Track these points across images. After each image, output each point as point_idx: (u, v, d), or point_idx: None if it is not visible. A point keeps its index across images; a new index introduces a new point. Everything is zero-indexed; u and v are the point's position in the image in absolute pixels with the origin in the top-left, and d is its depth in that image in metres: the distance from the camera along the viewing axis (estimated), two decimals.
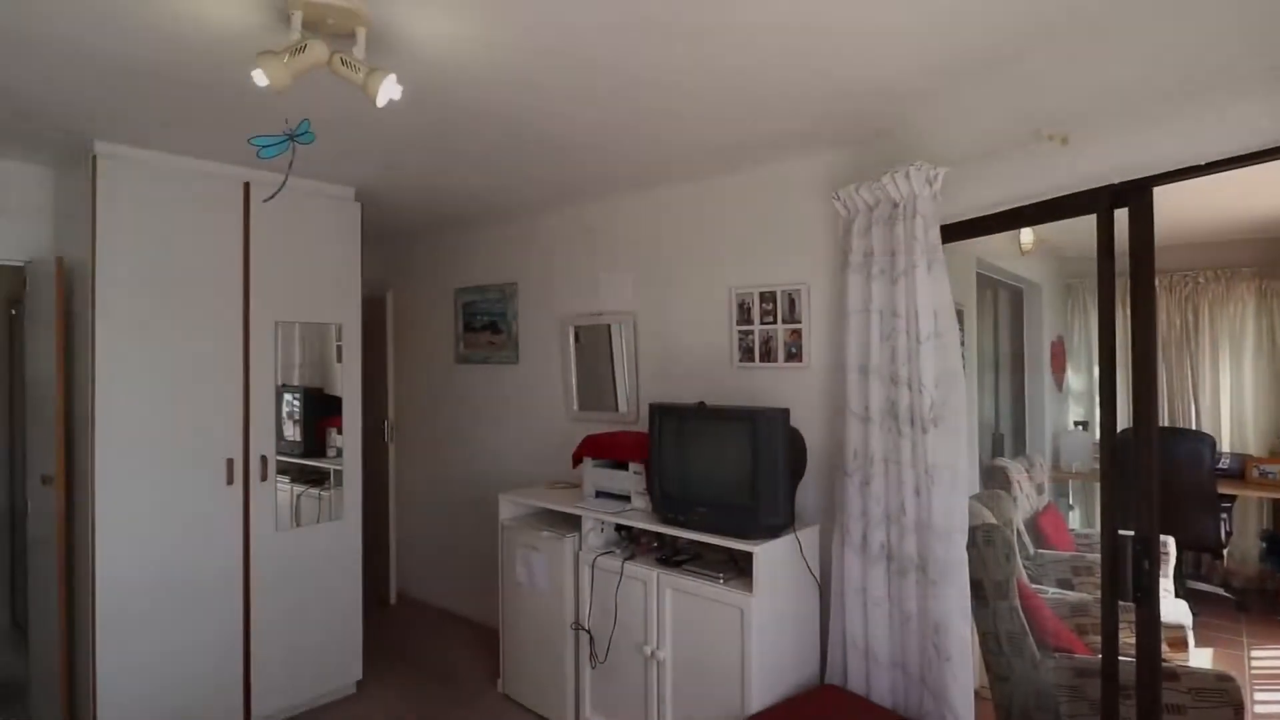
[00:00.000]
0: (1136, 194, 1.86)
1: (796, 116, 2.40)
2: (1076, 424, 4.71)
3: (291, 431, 3.24)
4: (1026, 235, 3.56)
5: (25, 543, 3.22)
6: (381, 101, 1.74)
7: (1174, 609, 3.21)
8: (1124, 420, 1.91)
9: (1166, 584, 3.49)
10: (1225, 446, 4.43)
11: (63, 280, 2.76)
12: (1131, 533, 1.86)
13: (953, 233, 2.36)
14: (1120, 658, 1.92)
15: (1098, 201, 1.94)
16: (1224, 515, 4.09)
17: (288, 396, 3.20)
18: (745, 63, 1.99)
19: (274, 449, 3.10)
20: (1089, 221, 1.97)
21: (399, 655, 3.80)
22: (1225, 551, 4.22)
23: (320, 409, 3.39)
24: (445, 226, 4.34)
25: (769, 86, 2.15)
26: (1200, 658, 3.40)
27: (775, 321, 2.88)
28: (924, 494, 2.27)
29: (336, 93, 1.96)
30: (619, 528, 2.93)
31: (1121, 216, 1.90)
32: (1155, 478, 1.83)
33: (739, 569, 2.53)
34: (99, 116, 2.40)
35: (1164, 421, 4.56)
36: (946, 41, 1.88)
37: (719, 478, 2.57)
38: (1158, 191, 1.84)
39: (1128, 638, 1.89)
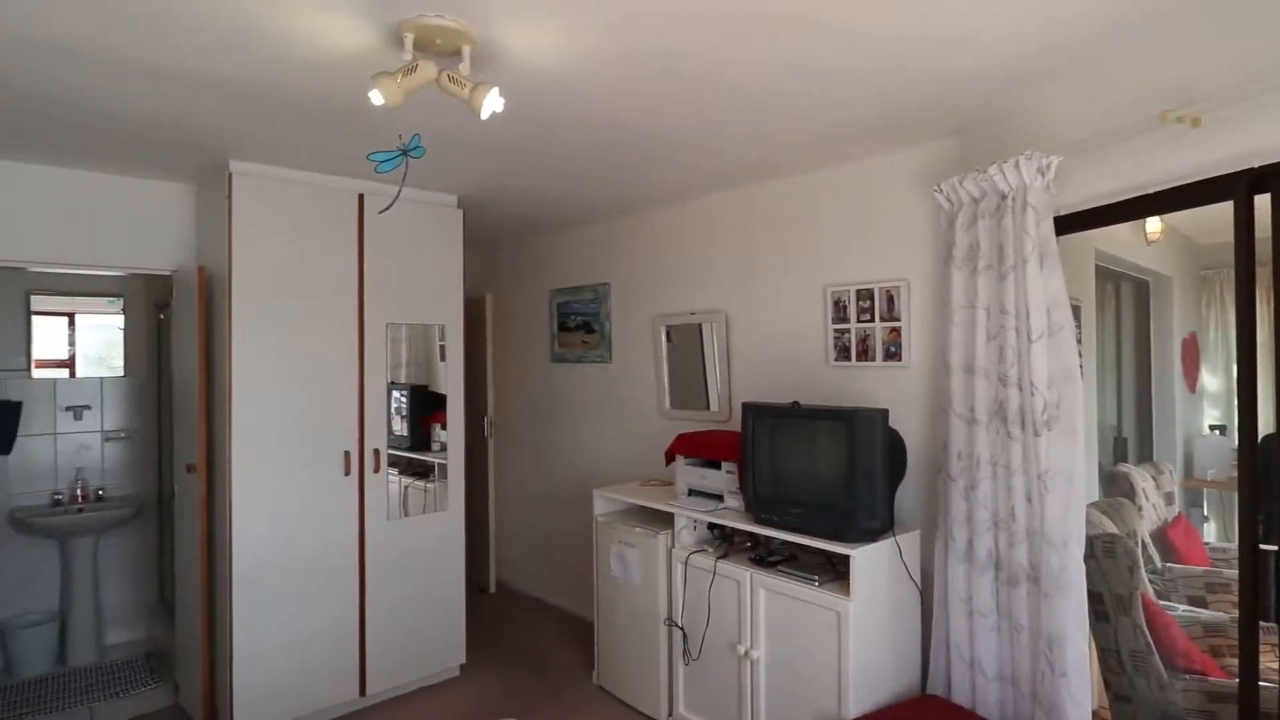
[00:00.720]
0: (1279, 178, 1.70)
1: (895, 108, 2.33)
2: (1212, 428, 4.32)
3: (399, 426, 3.44)
4: (1153, 224, 3.30)
5: (173, 526, 3.58)
6: (485, 114, 1.82)
7: None
8: (1267, 424, 1.75)
9: None
10: None
11: (204, 287, 3.05)
12: (1275, 547, 1.70)
13: (1068, 224, 2.23)
14: (1261, 683, 1.76)
15: (1235, 187, 1.78)
16: None
17: (395, 393, 3.40)
18: (840, 55, 1.95)
19: (385, 443, 3.30)
20: (1225, 207, 1.82)
21: (499, 642, 3.95)
22: None
23: (425, 405, 3.58)
24: (541, 229, 4.47)
25: (866, 78, 2.09)
26: None
27: (873, 319, 2.81)
28: (1036, 500, 2.16)
29: (441, 107, 2.06)
30: (712, 526, 2.94)
31: (1262, 202, 1.74)
32: None
33: (835, 572, 2.49)
34: (234, 138, 2.63)
35: None
36: (1060, 16, 1.78)
37: (814, 478, 2.54)
38: None
39: (1270, 661, 1.73)
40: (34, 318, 3.94)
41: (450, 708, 3.23)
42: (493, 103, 1.81)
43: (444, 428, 3.55)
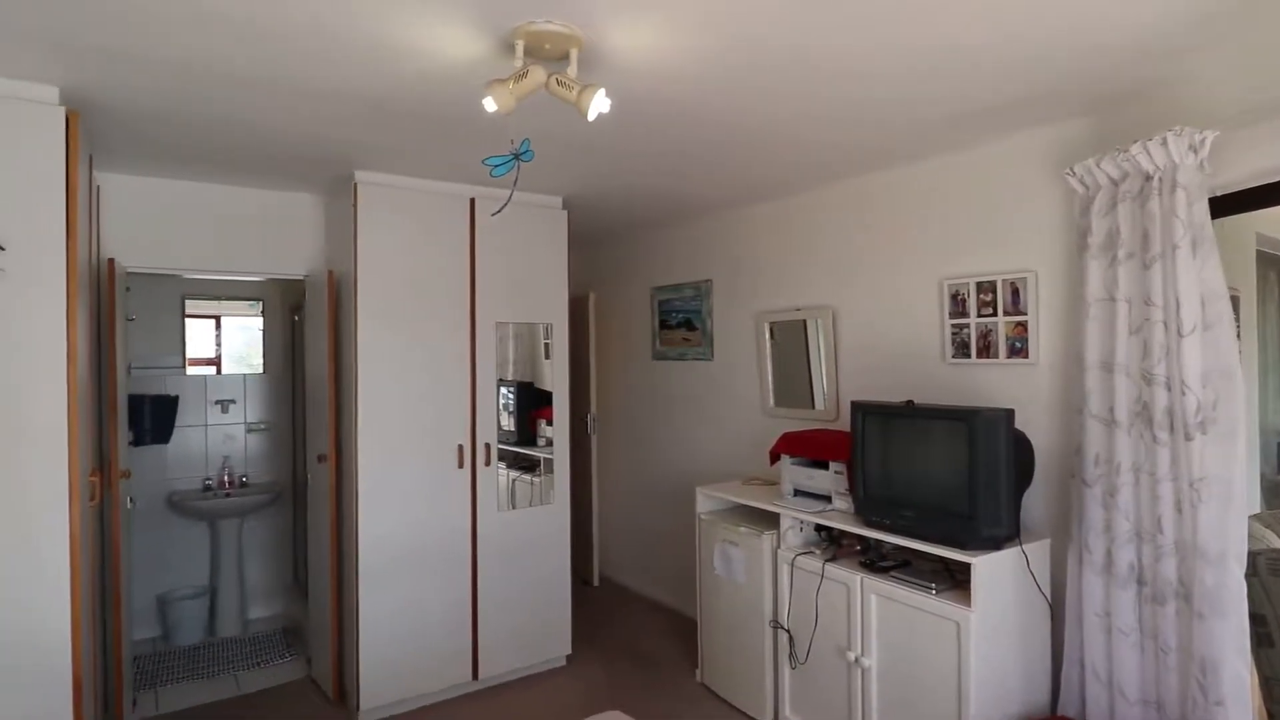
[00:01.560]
0: None
1: (1023, 87, 2.17)
2: None
3: (506, 422, 3.55)
4: None
5: (306, 511, 3.86)
6: (592, 116, 1.84)
7: None
8: None
9: None
10: None
11: (333, 290, 3.27)
12: None
13: (1225, 206, 2.01)
14: None
15: None
16: None
17: (502, 390, 3.51)
18: (962, 32, 1.84)
19: (495, 437, 3.42)
20: None
21: (602, 635, 4.02)
22: None
23: (530, 402, 3.68)
24: (643, 227, 4.50)
25: (991, 55, 1.96)
26: None
27: (995, 314, 2.64)
28: (1188, 510, 1.97)
29: (547, 111, 2.10)
30: (819, 528, 2.86)
31: None
32: None
33: (954, 580, 2.37)
34: (359, 149, 2.80)
35: None
36: None
37: (931, 481, 2.42)
38: None
39: None
40: (187, 320, 4.35)
41: (557, 696, 3.32)
42: (599, 104, 1.83)
43: (549, 423, 3.64)
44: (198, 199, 3.28)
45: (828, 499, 2.84)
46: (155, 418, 4.07)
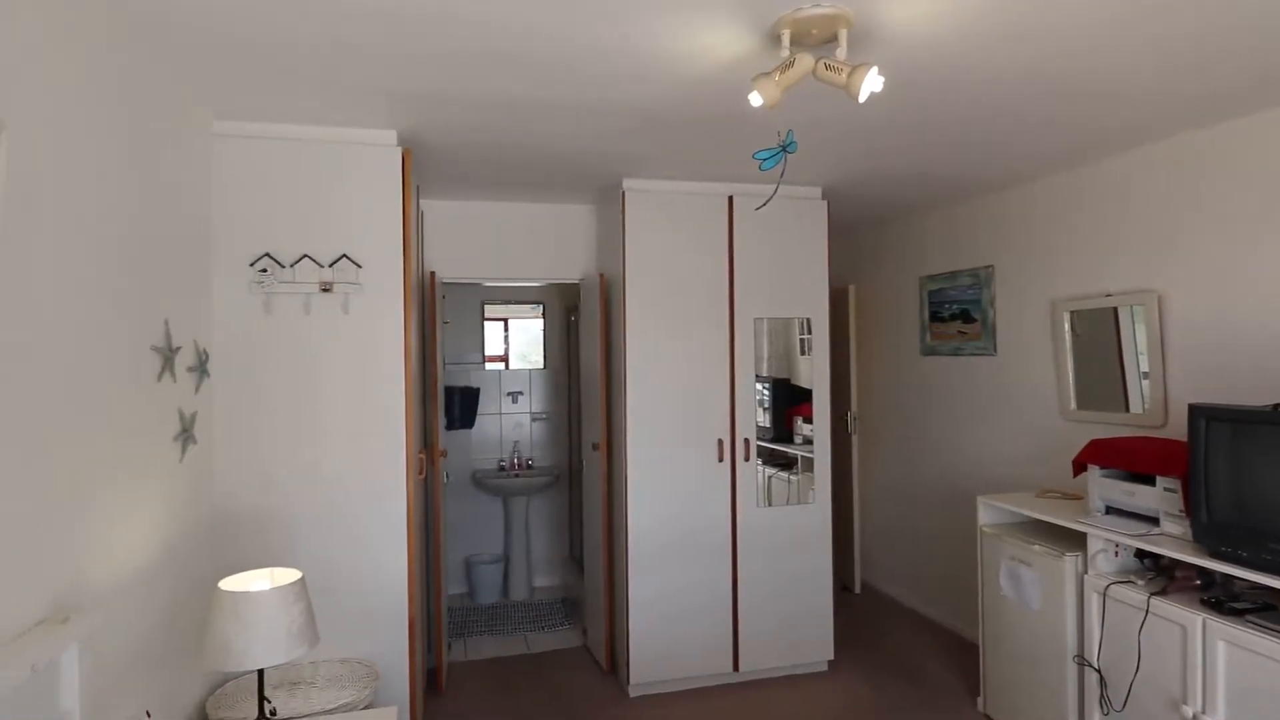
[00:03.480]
0: None
1: None
2: None
3: (762, 418, 3.53)
4: None
5: (581, 494, 4.22)
6: (864, 97, 1.74)
7: None
8: None
9: None
10: None
11: (604, 291, 3.52)
12: None
13: None
14: None
15: None
16: None
17: (758, 386, 3.49)
18: None
19: (754, 433, 3.42)
20: None
21: (866, 645, 3.82)
22: None
23: (786, 398, 3.61)
24: (909, 213, 4.18)
25: None
26: None
27: None
28: None
29: (810, 99, 2.02)
30: (1141, 554, 2.41)
31: None
32: None
33: None
34: (627, 158, 2.97)
35: None
36: None
37: None
38: None
39: None
40: (485, 322, 5.00)
41: (820, 702, 3.22)
42: (871, 83, 1.72)
43: (806, 421, 3.55)
44: (493, 217, 3.75)
45: (1154, 520, 2.37)
46: (463, 406, 4.74)
